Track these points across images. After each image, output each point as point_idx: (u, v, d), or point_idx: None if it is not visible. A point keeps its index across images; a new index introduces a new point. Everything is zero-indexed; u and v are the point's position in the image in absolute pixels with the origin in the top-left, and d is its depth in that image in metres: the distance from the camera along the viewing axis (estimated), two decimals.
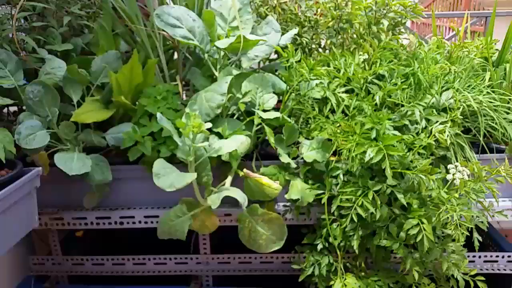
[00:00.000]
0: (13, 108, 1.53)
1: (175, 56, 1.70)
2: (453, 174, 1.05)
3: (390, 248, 1.13)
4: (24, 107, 1.33)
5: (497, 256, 1.52)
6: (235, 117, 1.31)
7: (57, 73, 1.24)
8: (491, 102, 1.30)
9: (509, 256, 1.51)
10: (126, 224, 1.42)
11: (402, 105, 1.25)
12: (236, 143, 1.07)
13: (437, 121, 1.18)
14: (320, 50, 1.67)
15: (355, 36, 1.52)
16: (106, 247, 1.69)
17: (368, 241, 1.19)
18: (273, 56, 1.71)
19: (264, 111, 1.22)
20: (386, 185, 1.08)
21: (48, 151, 1.26)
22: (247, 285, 1.60)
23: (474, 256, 1.51)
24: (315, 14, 1.57)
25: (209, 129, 1.14)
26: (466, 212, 1.02)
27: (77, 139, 1.26)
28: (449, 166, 1.07)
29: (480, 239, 1.16)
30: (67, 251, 1.61)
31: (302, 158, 1.25)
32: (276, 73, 1.45)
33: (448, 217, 1.09)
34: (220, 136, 1.18)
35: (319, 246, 1.24)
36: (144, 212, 1.41)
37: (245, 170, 1.17)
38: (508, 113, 1.33)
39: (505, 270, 1.52)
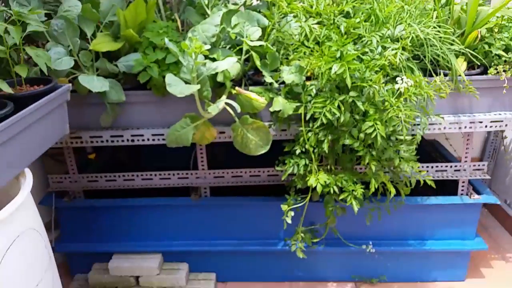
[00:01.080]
0: None
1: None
2: (400, 84, 1.35)
3: (353, 146, 1.45)
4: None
5: (446, 166, 1.87)
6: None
7: (74, 11, 1.48)
8: (437, 34, 1.59)
9: (455, 166, 1.86)
10: (137, 142, 1.70)
11: (364, 37, 1.54)
12: (229, 63, 1.35)
13: (390, 47, 1.48)
14: None
15: None
16: (115, 168, 1.97)
17: (336, 145, 1.51)
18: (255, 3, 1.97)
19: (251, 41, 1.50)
20: (349, 96, 1.38)
21: (68, 77, 1.52)
22: (238, 194, 1.93)
23: (427, 167, 1.86)
24: None
25: (206, 56, 1.41)
26: (410, 112, 1.34)
27: (93, 67, 1.52)
28: (397, 78, 1.37)
29: (422, 133, 1.48)
30: (81, 170, 1.89)
31: (283, 81, 1.54)
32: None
33: (398, 122, 1.41)
34: (214, 61, 1.46)
35: (298, 151, 1.55)
36: (151, 131, 1.69)
37: (237, 88, 1.46)
38: (452, 45, 1.63)
39: (452, 177, 1.87)
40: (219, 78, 1.45)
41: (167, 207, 1.91)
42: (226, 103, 1.39)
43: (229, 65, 1.35)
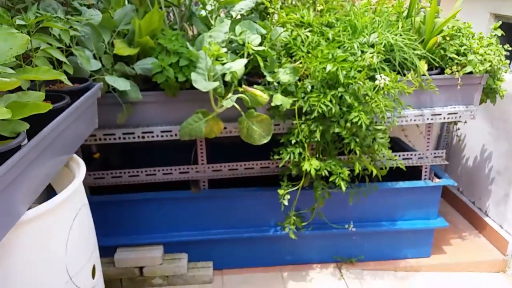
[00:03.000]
0: None
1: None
2: (379, 81, 1.70)
3: (341, 134, 1.77)
4: None
5: (411, 154, 2.24)
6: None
7: (96, 19, 1.70)
8: (403, 41, 1.97)
9: (419, 154, 2.24)
10: (147, 138, 1.92)
11: (345, 43, 1.88)
12: (240, 64, 1.64)
13: (367, 52, 1.83)
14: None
15: None
16: (119, 166, 2.16)
17: (326, 134, 1.82)
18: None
19: None
20: (338, 91, 1.71)
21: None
22: (234, 186, 2.19)
23: (397, 156, 2.21)
24: None
25: (216, 59, 1.68)
26: (388, 102, 1.68)
27: (113, 69, 1.74)
28: (376, 76, 1.72)
29: (396, 122, 1.83)
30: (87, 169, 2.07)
31: (279, 82, 1.84)
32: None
33: (377, 113, 1.75)
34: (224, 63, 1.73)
35: (293, 141, 1.84)
36: (160, 128, 1.92)
37: (244, 86, 1.74)
38: (414, 50, 2.01)
39: (416, 163, 2.24)
40: (227, 78, 1.72)
41: (168, 200, 2.13)
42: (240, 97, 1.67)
43: (240, 65, 1.63)
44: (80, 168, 1.32)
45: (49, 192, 1.43)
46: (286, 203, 1.92)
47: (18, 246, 1.06)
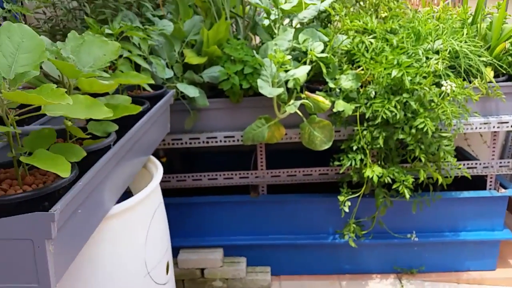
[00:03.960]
0: None
1: None
2: (445, 87, 1.68)
3: (405, 141, 1.76)
4: None
5: (476, 164, 2.18)
6: None
7: (168, 29, 1.81)
8: (468, 48, 1.94)
9: (484, 163, 2.17)
10: (211, 143, 2.00)
11: (409, 49, 1.87)
12: (303, 70, 1.68)
13: (432, 58, 1.82)
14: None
15: (370, 5, 2.14)
16: (184, 169, 2.26)
17: (390, 140, 1.82)
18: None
19: None
20: (403, 97, 1.71)
21: None
22: (292, 192, 2.22)
23: (462, 164, 2.16)
24: None
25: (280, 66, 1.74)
26: (455, 109, 1.66)
27: (183, 77, 1.83)
28: (442, 82, 1.70)
29: (462, 129, 1.80)
30: None
31: (341, 88, 1.86)
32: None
33: (443, 120, 1.73)
34: (287, 70, 1.78)
35: (354, 147, 1.86)
36: (224, 134, 1.99)
37: (306, 92, 1.78)
38: (480, 56, 1.97)
39: (481, 172, 2.18)
40: (290, 85, 1.77)
41: (229, 204, 2.20)
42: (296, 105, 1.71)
43: (304, 72, 1.67)
44: (158, 169, 1.41)
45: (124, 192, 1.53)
46: (347, 209, 1.92)
47: (105, 238, 1.15)
